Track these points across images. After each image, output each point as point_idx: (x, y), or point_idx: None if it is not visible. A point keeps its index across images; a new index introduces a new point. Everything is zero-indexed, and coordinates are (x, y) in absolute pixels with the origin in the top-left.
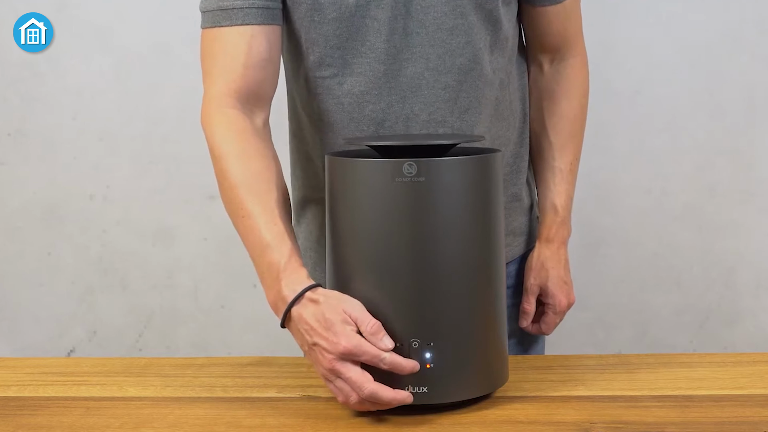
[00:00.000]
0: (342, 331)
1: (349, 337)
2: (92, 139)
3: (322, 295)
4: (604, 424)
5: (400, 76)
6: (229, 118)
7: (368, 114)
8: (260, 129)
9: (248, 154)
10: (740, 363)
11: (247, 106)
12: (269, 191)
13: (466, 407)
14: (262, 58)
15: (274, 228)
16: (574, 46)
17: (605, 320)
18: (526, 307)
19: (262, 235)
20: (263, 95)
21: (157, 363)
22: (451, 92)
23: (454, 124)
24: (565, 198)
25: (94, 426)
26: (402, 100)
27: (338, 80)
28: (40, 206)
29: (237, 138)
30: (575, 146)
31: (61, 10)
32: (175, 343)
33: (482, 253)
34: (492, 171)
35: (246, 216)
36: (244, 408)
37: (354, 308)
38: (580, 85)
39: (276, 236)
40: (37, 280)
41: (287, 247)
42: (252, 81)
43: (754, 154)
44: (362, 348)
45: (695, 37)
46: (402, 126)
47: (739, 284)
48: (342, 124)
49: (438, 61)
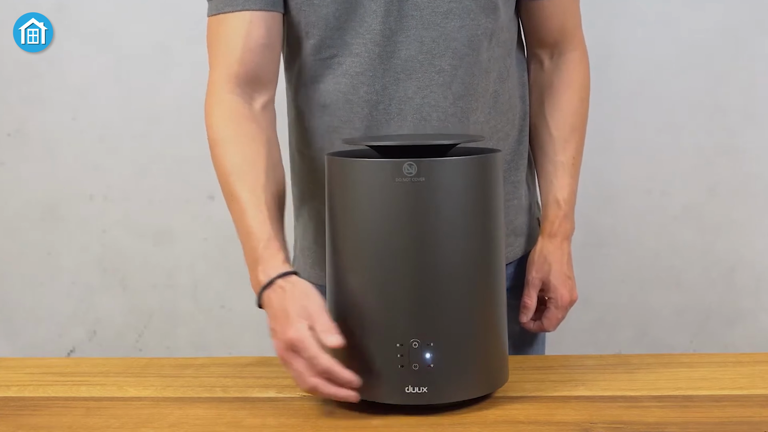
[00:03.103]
0: (293, 323)
1: (297, 330)
2: (92, 139)
3: (290, 284)
4: (604, 424)
5: (395, 58)
6: (227, 103)
7: (363, 95)
8: (258, 113)
9: (240, 139)
10: (740, 363)
11: (247, 90)
12: (257, 177)
13: (466, 407)
14: (260, 43)
15: (258, 215)
16: (572, 40)
17: (605, 320)
18: (527, 301)
19: (247, 220)
20: (263, 79)
21: (157, 363)
22: (445, 77)
23: (448, 109)
24: (568, 192)
25: (94, 426)
26: (396, 83)
27: (338, 60)
28: (40, 206)
29: (232, 123)
30: (577, 140)
31: (61, 10)
32: (175, 343)
33: (482, 253)
34: (492, 171)
35: (235, 201)
36: (244, 408)
37: (313, 304)
38: (580, 79)
39: (259, 222)
40: (37, 280)
41: (267, 233)
42: (250, 65)
43: (754, 154)
44: (304, 344)
45: (695, 36)
46: (395, 109)
47: (739, 284)
48: (337, 106)
49: (432, 44)
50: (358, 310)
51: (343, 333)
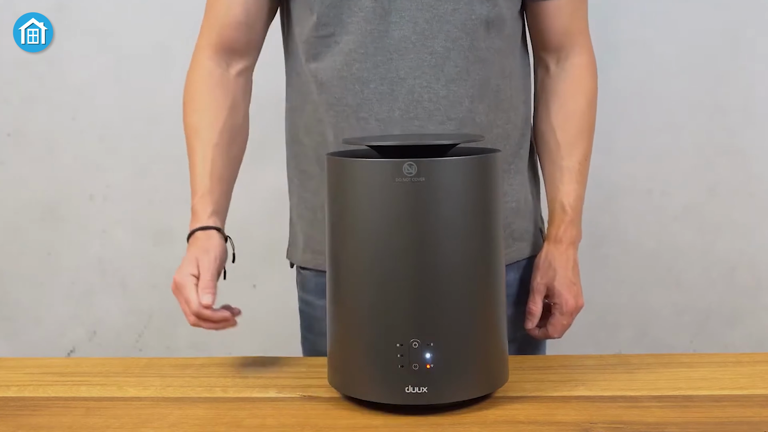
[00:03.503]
0: (182, 268)
1: (181, 275)
2: (92, 139)
3: (203, 237)
4: (604, 424)
5: (387, 37)
6: (204, 69)
7: (355, 72)
8: (231, 79)
9: (206, 102)
10: (740, 363)
11: (224, 57)
12: (211, 137)
13: (466, 407)
14: (238, 20)
15: (202, 170)
16: (577, 44)
17: (605, 320)
18: (532, 308)
19: (193, 172)
20: (239, 50)
21: (157, 363)
22: (438, 58)
23: (440, 91)
24: (574, 198)
25: (94, 426)
26: (388, 62)
27: (335, 39)
28: (40, 206)
29: (203, 86)
30: (583, 145)
31: (61, 10)
32: (175, 343)
33: (482, 253)
34: (492, 171)
35: (190, 154)
36: (244, 408)
37: (205, 260)
38: (586, 84)
39: (200, 176)
40: (37, 280)
41: (204, 187)
42: (227, 39)
43: (754, 154)
44: (183, 288)
45: (695, 37)
46: (387, 88)
47: (739, 284)
48: (331, 83)
49: (425, 25)
50: (358, 309)
51: (343, 332)
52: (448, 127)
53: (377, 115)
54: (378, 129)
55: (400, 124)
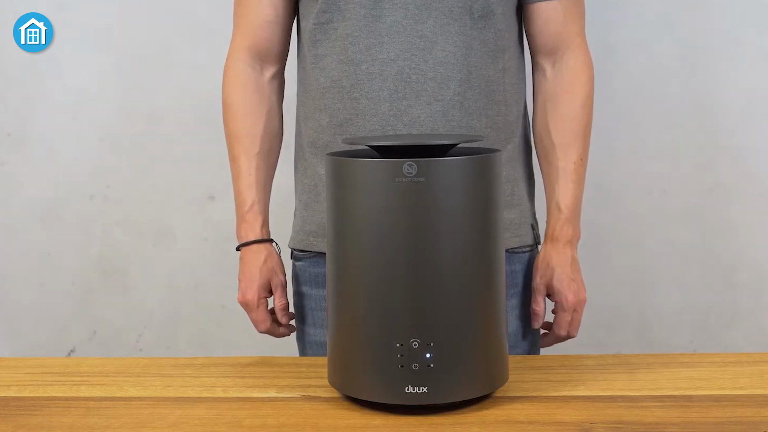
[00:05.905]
0: (256, 292)
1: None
2: (92, 139)
3: (265, 253)
4: (604, 424)
5: (380, 22)
6: (240, 72)
7: (350, 55)
8: (265, 84)
9: (245, 108)
10: (740, 363)
11: (258, 61)
12: (253, 144)
13: (466, 407)
14: (268, 20)
15: (248, 178)
16: (572, 46)
17: (605, 320)
18: (535, 308)
19: (239, 182)
20: (271, 52)
21: (157, 363)
22: (426, 42)
23: (428, 73)
24: (570, 198)
25: (94, 426)
26: (380, 45)
27: (333, 25)
28: (40, 206)
29: (240, 92)
30: (579, 146)
31: (61, 10)
32: (175, 343)
33: (482, 253)
34: (492, 171)
35: (233, 162)
36: (244, 408)
37: (276, 280)
38: (581, 86)
39: (247, 186)
40: (37, 280)
41: (252, 197)
42: (260, 40)
43: (754, 154)
44: (254, 311)
45: (695, 36)
46: (377, 69)
47: (739, 284)
48: (331, 66)
49: (416, 10)
50: (358, 309)
51: (343, 332)
52: (435, 108)
53: (368, 94)
54: (368, 108)
55: (389, 102)
